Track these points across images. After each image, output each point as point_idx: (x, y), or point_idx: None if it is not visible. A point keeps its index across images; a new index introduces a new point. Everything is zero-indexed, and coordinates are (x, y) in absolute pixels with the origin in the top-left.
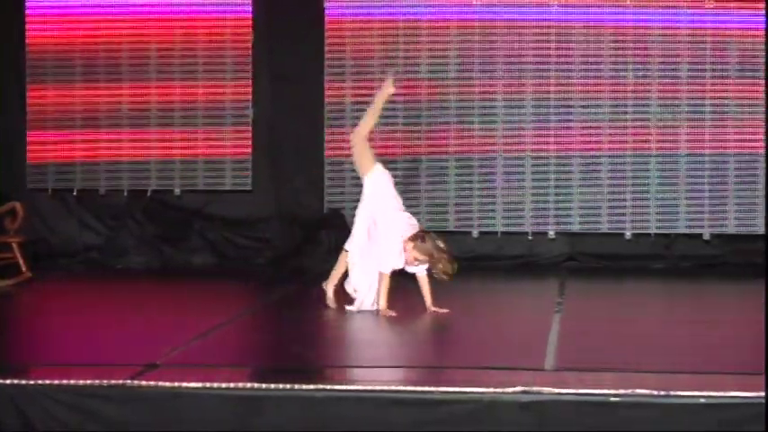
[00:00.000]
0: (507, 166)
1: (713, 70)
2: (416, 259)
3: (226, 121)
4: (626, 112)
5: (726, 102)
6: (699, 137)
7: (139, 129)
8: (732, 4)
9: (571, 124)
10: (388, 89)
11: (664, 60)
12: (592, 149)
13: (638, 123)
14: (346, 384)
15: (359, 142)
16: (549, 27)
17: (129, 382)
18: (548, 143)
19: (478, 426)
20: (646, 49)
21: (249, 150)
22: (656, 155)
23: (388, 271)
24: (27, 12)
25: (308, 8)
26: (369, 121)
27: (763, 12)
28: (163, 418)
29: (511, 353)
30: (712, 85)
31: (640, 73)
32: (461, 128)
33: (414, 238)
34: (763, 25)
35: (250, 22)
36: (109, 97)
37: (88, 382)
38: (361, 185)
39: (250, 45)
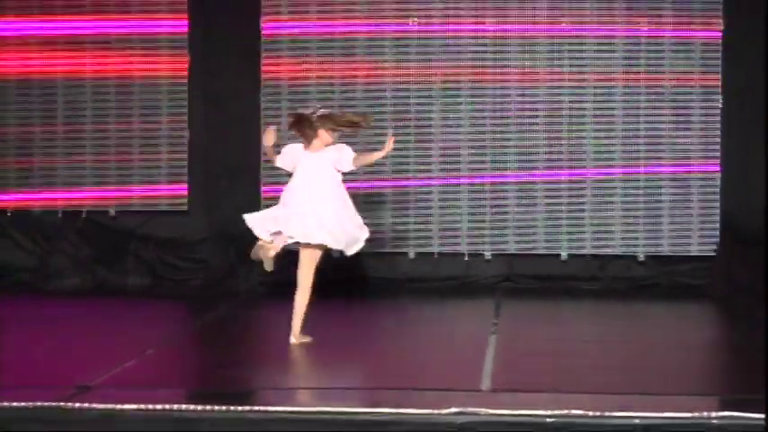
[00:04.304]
0: (444, 188)
1: (648, 87)
2: (333, 130)
3: (161, 142)
4: (560, 133)
5: (661, 120)
6: (633, 157)
7: (75, 155)
8: (666, 21)
9: (507, 146)
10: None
11: (598, 78)
12: (528, 172)
13: (574, 144)
14: (281, 406)
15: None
16: (484, 38)
17: (62, 404)
18: (484, 164)
19: None
20: (580, 68)
21: (185, 171)
22: (593, 179)
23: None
24: None
25: (245, 27)
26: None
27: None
28: None
29: (447, 374)
30: (647, 101)
31: (576, 92)
32: (397, 150)
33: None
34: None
35: (186, 43)
36: (43, 121)
37: (21, 404)
38: None
39: (186, 66)
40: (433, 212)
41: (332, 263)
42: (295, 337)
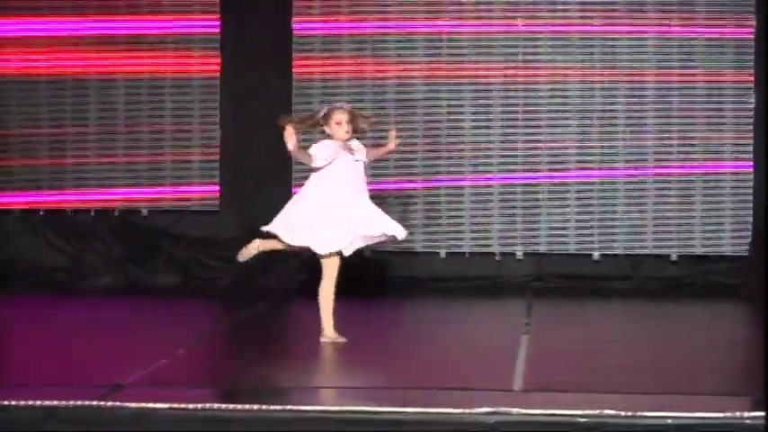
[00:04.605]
0: (476, 187)
1: (680, 85)
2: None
3: (193, 142)
4: (592, 133)
5: (693, 119)
6: (666, 156)
7: (106, 155)
8: (699, 20)
9: (539, 146)
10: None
11: (630, 77)
12: (560, 172)
13: (606, 143)
14: (312, 405)
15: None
16: (515, 39)
17: (94, 403)
18: (515, 164)
19: None
20: (612, 67)
21: (217, 171)
22: (624, 178)
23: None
24: None
25: (276, 27)
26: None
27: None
28: None
29: (478, 374)
30: (679, 104)
31: (607, 92)
32: (428, 149)
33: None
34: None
35: (218, 43)
36: (75, 121)
37: (54, 402)
38: None
39: (218, 67)
40: (464, 212)
41: (361, 261)
42: (329, 336)
